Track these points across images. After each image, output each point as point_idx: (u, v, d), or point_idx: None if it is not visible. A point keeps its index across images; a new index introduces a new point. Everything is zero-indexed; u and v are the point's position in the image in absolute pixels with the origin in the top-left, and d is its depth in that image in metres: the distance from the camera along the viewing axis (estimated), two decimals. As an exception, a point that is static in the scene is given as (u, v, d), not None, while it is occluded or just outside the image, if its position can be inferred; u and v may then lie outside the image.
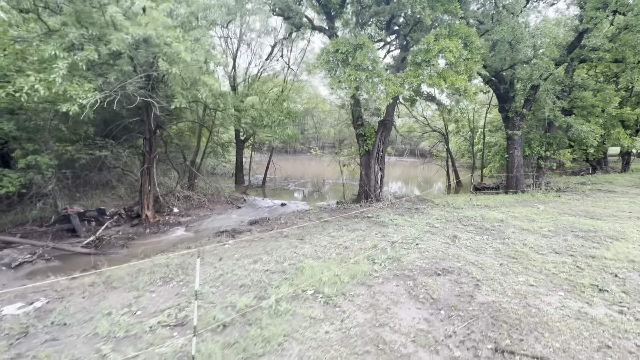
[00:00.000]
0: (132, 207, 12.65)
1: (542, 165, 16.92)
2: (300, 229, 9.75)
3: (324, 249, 7.18)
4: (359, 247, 7.04)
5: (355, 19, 14.11)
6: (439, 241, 7.20)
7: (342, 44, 10.81)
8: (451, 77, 10.93)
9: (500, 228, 8.11)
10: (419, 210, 11.00)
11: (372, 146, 13.12)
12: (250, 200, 16.79)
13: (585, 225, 8.13)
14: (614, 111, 14.81)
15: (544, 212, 10.00)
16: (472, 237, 7.44)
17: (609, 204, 11.73)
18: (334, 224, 9.89)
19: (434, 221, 9.09)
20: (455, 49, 10.82)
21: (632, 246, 6.31)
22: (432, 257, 6.24)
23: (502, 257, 6.13)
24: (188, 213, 13.75)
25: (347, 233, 8.45)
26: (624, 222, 8.45)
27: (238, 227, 11.74)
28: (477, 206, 11.30)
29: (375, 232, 8.40)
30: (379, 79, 10.56)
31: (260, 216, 13.57)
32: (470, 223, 8.73)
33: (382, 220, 9.54)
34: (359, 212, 11.54)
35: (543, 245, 6.66)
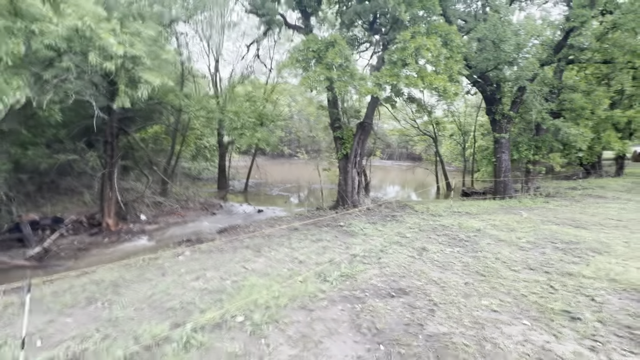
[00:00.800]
0: (94, 215, 11.91)
1: (531, 169, 16.30)
2: (264, 238, 9.04)
3: (278, 263, 6.48)
4: (315, 261, 6.34)
5: (340, 19, 13.54)
6: (404, 254, 6.51)
7: (313, 42, 10.20)
8: (429, 76, 10.33)
9: (476, 239, 7.43)
10: (395, 217, 10.31)
11: (349, 150, 12.46)
12: (227, 207, 16.08)
13: (567, 236, 7.46)
14: (604, 114, 14.24)
15: (527, 220, 9.34)
16: (442, 249, 6.75)
17: (598, 211, 11.09)
18: (302, 233, 9.19)
19: (406, 230, 8.40)
20: (433, 47, 10.24)
21: (614, 261, 5.64)
22: (392, 274, 5.54)
23: (469, 274, 5.44)
24: (156, 220, 13.02)
25: (309, 244, 7.75)
26: (610, 232, 7.79)
27: (204, 235, 11.01)
28: (457, 213, 10.63)
29: (340, 243, 7.71)
30: (352, 78, 9.93)
31: (232, 223, 12.86)
32: (444, 233, 8.05)
33: (352, 230, 8.84)
34: (333, 219, 10.85)
35: (517, 260, 5.98)
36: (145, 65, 6.59)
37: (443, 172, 24.27)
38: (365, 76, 10.09)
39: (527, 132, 16.36)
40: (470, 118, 25.64)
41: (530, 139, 15.95)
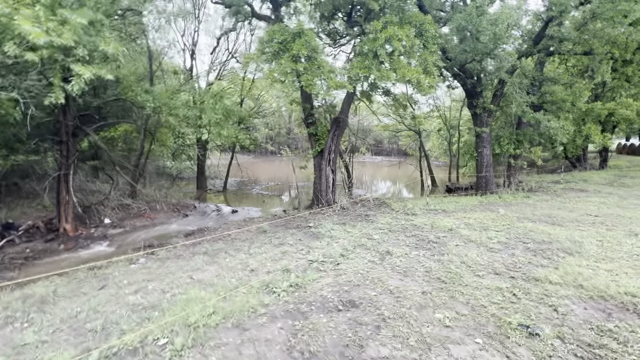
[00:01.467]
0: (52, 220, 11.19)
1: (512, 164, 16.03)
2: (226, 242, 8.50)
3: (229, 271, 5.96)
4: (268, 269, 5.83)
5: (320, 12, 12.93)
6: (366, 259, 6.04)
7: (278, 32, 9.61)
8: (402, 68, 9.84)
9: (445, 240, 7.01)
10: (367, 217, 9.86)
11: (324, 146, 11.94)
12: (202, 207, 15.45)
13: (541, 235, 7.09)
14: (584, 106, 13.97)
15: (503, 218, 8.97)
16: (407, 252, 6.30)
17: (577, 206, 10.81)
18: (267, 235, 8.68)
19: (375, 232, 7.94)
20: (405, 37, 9.74)
21: (585, 263, 5.25)
22: (346, 283, 5.07)
23: (430, 282, 5.00)
24: (122, 224, 12.34)
25: (269, 249, 7.24)
26: (586, 230, 7.44)
27: (168, 239, 10.41)
28: (433, 211, 10.22)
29: (303, 246, 7.21)
30: (320, 71, 9.38)
31: (202, 225, 12.27)
32: (414, 234, 7.61)
33: (319, 232, 8.35)
34: (304, 219, 10.36)
35: (484, 263, 5.56)
36: (78, 56, 5.94)
37: (428, 168, 23.96)
38: (335, 69, 9.55)
39: (508, 126, 16.04)
40: (456, 112, 25.33)
41: (511, 133, 15.65)
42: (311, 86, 9.24)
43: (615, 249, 5.93)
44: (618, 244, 6.25)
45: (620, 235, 6.86)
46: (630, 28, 11.60)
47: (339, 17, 14.21)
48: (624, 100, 13.81)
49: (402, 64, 9.98)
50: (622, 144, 41.39)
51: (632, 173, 20.32)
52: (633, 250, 5.81)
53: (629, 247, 5.98)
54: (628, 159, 33.79)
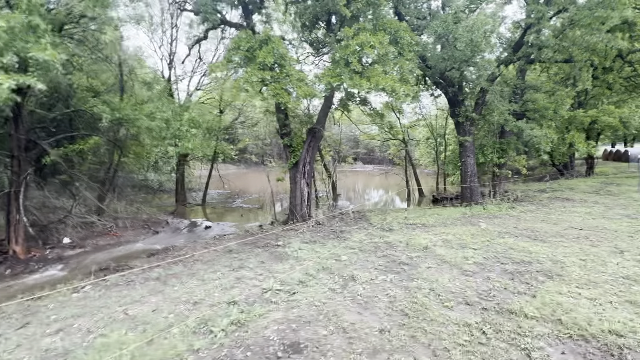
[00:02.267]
0: (1, 241, 10.32)
1: (497, 173, 15.65)
2: (185, 265, 7.78)
3: (170, 304, 5.25)
4: (213, 301, 5.14)
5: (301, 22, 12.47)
6: (326, 287, 5.40)
7: (244, 40, 9.11)
8: (376, 76, 9.39)
9: (418, 261, 6.41)
10: (342, 234, 9.23)
11: (299, 158, 11.37)
12: (175, 223, 14.66)
13: (520, 253, 6.54)
14: (566, 114, 13.72)
15: (484, 232, 8.43)
16: (373, 278, 5.68)
17: (562, 217, 10.36)
18: (231, 256, 7.99)
19: (344, 252, 7.31)
20: (379, 44, 9.32)
21: (565, 290, 4.69)
22: (296, 319, 4.41)
23: (391, 315, 4.37)
24: (83, 244, 11.49)
25: (226, 274, 6.55)
26: (569, 246, 6.92)
27: (128, 261, 9.62)
28: (412, 226, 9.65)
29: (262, 271, 6.54)
30: (288, 79, 8.87)
31: (171, 243, 11.50)
32: (385, 254, 7.00)
33: (285, 252, 7.69)
34: (276, 237, 9.69)
35: (455, 291, 4.96)
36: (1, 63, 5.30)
37: (415, 177, 23.53)
38: (305, 77, 9.05)
39: (492, 135, 15.73)
40: (443, 121, 25.13)
41: (494, 142, 15.31)
42: (278, 95, 8.71)
43: (599, 271, 5.40)
44: (602, 263, 5.72)
45: (604, 252, 6.35)
46: (609, 35, 11.40)
47: (320, 25, 13.87)
48: (606, 107, 13.63)
49: (376, 71, 9.55)
50: (608, 151, 41.79)
51: (618, 180, 20.15)
52: (618, 272, 5.27)
53: (614, 268, 5.46)
54: (614, 165, 33.98)
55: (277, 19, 13.19)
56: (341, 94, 12.12)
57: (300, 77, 8.99)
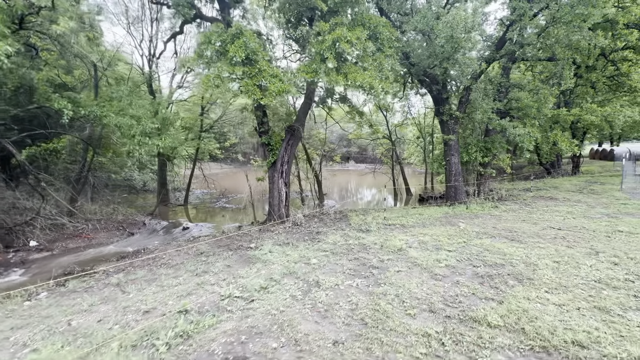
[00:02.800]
0: (-39, 244, 9.80)
1: (482, 172, 15.52)
2: (150, 269, 7.42)
3: (119, 313, 4.89)
4: (165, 310, 4.80)
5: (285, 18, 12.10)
6: (288, 293, 5.10)
7: (216, 34, 8.74)
8: (353, 73, 9.11)
9: (389, 264, 6.15)
10: (318, 235, 8.94)
11: (277, 157, 11.03)
12: (152, 225, 14.20)
13: (495, 255, 6.33)
14: (550, 112, 13.64)
15: (462, 233, 8.22)
16: (339, 283, 5.39)
17: (544, 216, 10.23)
18: (201, 259, 7.65)
19: (316, 254, 7.02)
20: (356, 39, 9.02)
21: (534, 295, 4.47)
22: (248, 330, 4.10)
23: (349, 325, 4.09)
24: (52, 246, 11.01)
25: (187, 279, 6.21)
26: (545, 247, 6.74)
27: (96, 264, 9.20)
28: (390, 227, 9.41)
29: (226, 275, 6.22)
30: (260, 75, 8.53)
31: (144, 245, 11.09)
32: (357, 256, 6.73)
33: (254, 255, 7.37)
34: (249, 238, 9.37)
35: (421, 297, 4.71)
36: None
37: (403, 176, 23.38)
38: (279, 73, 8.72)
39: (477, 134, 15.59)
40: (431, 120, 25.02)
41: (479, 141, 15.19)
42: (250, 92, 8.36)
43: (572, 274, 5.20)
44: (576, 266, 5.53)
45: (580, 254, 6.17)
46: (590, 32, 11.31)
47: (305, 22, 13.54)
48: (589, 106, 13.57)
49: (353, 68, 9.27)
50: (595, 149, 42.32)
51: (602, 179, 20.28)
52: (590, 275, 5.08)
53: (586, 271, 5.26)
54: (600, 164, 34.40)
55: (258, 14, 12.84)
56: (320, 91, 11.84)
57: (274, 73, 8.65)
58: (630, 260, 5.68)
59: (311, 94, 11.78)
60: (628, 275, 5.04)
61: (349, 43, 8.81)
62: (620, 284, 4.74)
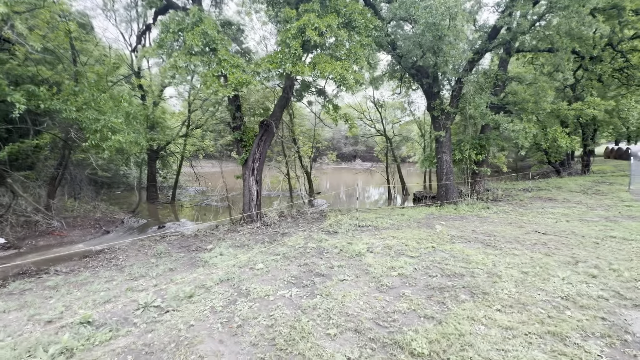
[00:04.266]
0: None
1: (476, 170, 14.64)
2: (93, 271, 7.01)
3: (22, 322, 4.44)
4: (69, 321, 4.32)
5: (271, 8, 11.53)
6: (210, 304, 4.54)
7: (174, 22, 8.25)
8: (322, 63, 8.47)
9: (337, 271, 5.52)
10: (282, 237, 8.36)
11: (249, 154, 10.50)
12: (131, 222, 13.91)
13: (459, 263, 5.62)
14: (549, 106, 12.65)
15: (435, 237, 7.51)
16: (272, 292, 4.81)
17: (534, 219, 9.40)
18: (149, 262, 7.19)
19: (267, 258, 6.44)
20: (325, 27, 8.38)
21: (481, 315, 3.78)
22: (140, 349, 3.56)
23: (256, 346, 3.50)
24: (20, 244, 10.76)
25: (121, 283, 5.75)
26: (520, 254, 5.98)
27: (55, 264, 8.86)
28: (361, 228, 8.74)
29: (163, 280, 5.72)
30: (220, 65, 8.00)
31: (108, 244, 10.72)
32: (308, 261, 6.12)
33: (204, 257, 6.86)
34: (210, 239, 8.88)
35: (353, 313, 4.08)
36: None
37: (399, 175, 22.57)
38: (239, 63, 8.16)
39: (471, 130, 14.69)
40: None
41: (473, 137, 14.30)
42: (207, 83, 7.83)
43: (538, 288, 4.47)
44: (546, 278, 4.78)
45: (556, 263, 5.40)
46: (590, 18, 10.32)
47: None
48: (591, 99, 12.51)
49: (323, 58, 8.64)
50: (610, 148, 40.25)
51: (612, 179, 19.04)
52: (558, 290, 4.34)
53: (555, 285, 4.52)
54: (614, 163, 32.59)
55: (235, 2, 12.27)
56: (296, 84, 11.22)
57: (235, 63, 8.09)
58: (612, 273, 4.90)
59: (289, 87, 11.19)
60: (603, 291, 4.29)
61: (316, 31, 8.17)
62: (591, 303, 4.00)
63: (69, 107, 9.06)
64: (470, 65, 13.00)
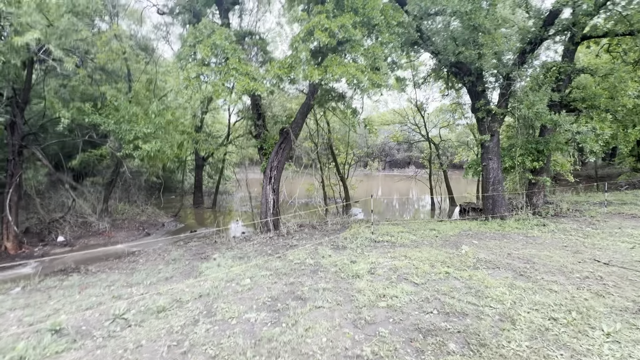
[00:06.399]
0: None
1: (532, 180, 12.48)
2: (108, 273, 7.42)
3: (11, 323, 4.73)
4: (44, 326, 4.46)
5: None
6: (172, 322, 4.31)
7: (192, 35, 8.54)
8: (332, 65, 7.98)
9: (320, 295, 4.89)
10: (289, 249, 7.95)
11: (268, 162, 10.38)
12: (169, 226, 14.88)
13: (472, 297, 4.54)
14: (630, 101, 10.20)
15: (456, 259, 6.36)
16: (237, 315, 4.40)
17: (601, 242, 7.52)
18: (157, 268, 7.39)
19: (259, 272, 6.07)
20: (338, 28, 7.89)
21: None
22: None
23: (185, 380, 3.12)
24: (75, 242, 12.16)
25: (116, 289, 5.91)
26: (558, 291, 4.64)
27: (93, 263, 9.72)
28: (375, 244, 7.88)
29: (152, 289, 5.73)
30: (229, 74, 8.00)
31: (148, 246, 11.51)
32: (297, 280, 5.58)
33: (203, 267, 6.78)
34: (220, 246, 8.88)
35: (307, 352, 3.44)
36: None
37: (446, 184, 20.61)
38: (248, 70, 8.06)
39: (523, 133, 12.64)
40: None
41: (528, 141, 12.25)
42: (216, 92, 7.88)
43: (563, 345, 3.29)
44: (581, 330, 3.54)
45: (604, 309, 4.03)
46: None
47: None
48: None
49: (335, 60, 8.11)
50: None
51: None
52: (593, 354, 3.13)
53: (591, 343, 3.29)
54: None
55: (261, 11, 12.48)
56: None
57: (244, 71, 8.02)
58: (692, 332, 3.43)
59: (311, 94, 10.86)
60: (667, 362, 2.97)
61: (326, 32, 7.70)
62: (641, 378, 2.77)
63: (107, 121, 9.98)
64: (521, 58, 11.18)
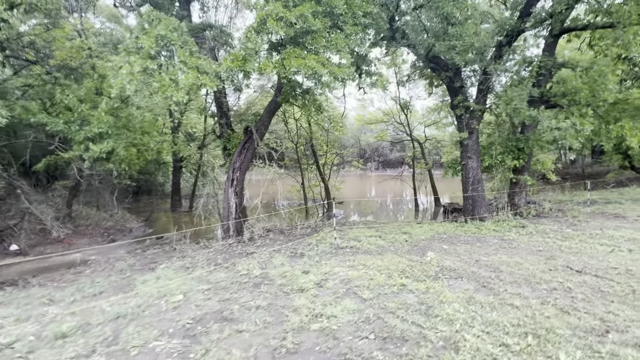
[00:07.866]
0: (-51, 246, 10.61)
1: (513, 179, 11.99)
2: (43, 287, 6.71)
3: None
4: None
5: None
6: (67, 354, 3.65)
7: (139, 25, 7.85)
8: (292, 57, 7.37)
9: (249, 316, 4.26)
10: (244, 257, 7.31)
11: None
12: (139, 232, 14.14)
13: (416, 315, 3.94)
14: (611, 96, 9.72)
15: (417, 268, 5.77)
16: (145, 342, 3.75)
17: (579, 245, 7.00)
18: (96, 280, 6.69)
19: (196, 287, 5.42)
20: (296, 17, 7.28)
21: None
22: None
23: None
24: (29, 251, 11.36)
25: (32, 308, 5.21)
26: (520, 306, 4.06)
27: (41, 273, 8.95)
28: (337, 250, 7.26)
29: (67, 310, 5.04)
30: (176, 68, 7.35)
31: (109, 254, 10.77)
32: (232, 296, 4.94)
33: (140, 281, 6.11)
34: (175, 255, 8.20)
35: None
36: None
37: (431, 184, 20.11)
38: (199, 64, 7.41)
39: (502, 130, 12.15)
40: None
41: (508, 139, 11.76)
42: (163, 87, 7.22)
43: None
44: (541, 356, 2.95)
45: (568, 330, 3.44)
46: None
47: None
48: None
49: (294, 52, 7.50)
50: None
51: None
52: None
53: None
54: None
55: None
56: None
57: (194, 64, 7.36)
58: (664, 361, 2.86)
59: (279, 90, 10.24)
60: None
61: (281, 21, 7.09)
62: None
63: (55, 120, 9.26)
64: (498, 51, 10.69)
